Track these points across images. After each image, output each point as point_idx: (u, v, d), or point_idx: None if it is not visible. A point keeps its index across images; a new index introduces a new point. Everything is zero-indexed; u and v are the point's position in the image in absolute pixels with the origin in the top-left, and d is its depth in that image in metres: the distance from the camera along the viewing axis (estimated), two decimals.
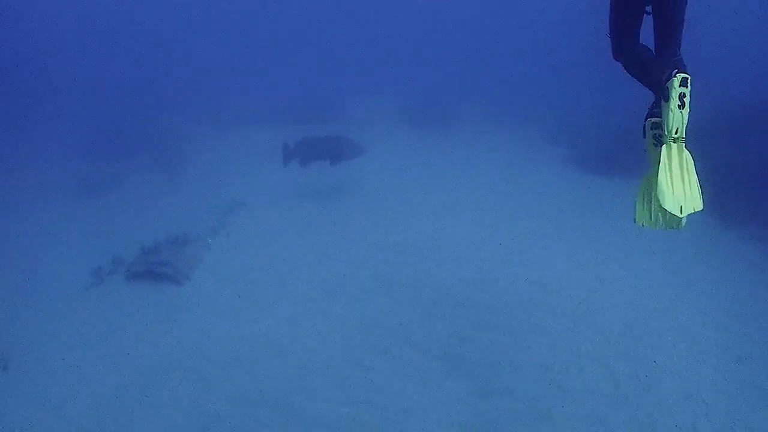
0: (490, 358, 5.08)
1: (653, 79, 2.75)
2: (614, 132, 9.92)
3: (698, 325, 5.49)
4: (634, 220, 2.72)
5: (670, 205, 2.53)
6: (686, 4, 2.74)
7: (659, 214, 2.61)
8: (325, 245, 7.59)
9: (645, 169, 2.74)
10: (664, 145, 2.61)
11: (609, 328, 5.47)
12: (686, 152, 2.63)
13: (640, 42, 3.01)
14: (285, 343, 5.46)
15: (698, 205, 2.60)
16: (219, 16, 28.69)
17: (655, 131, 2.74)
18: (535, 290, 6.19)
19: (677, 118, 2.57)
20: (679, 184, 2.56)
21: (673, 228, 2.66)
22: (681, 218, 2.61)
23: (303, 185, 10.05)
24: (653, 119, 2.76)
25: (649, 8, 2.85)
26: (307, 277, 6.75)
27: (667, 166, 2.58)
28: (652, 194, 2.61)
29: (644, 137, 2.84)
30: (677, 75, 2.56)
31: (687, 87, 2.57)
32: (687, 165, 2.60)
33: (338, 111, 15.88)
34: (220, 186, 10.62)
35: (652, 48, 2.89)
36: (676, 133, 2.59)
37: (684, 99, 2.55)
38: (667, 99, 2.58)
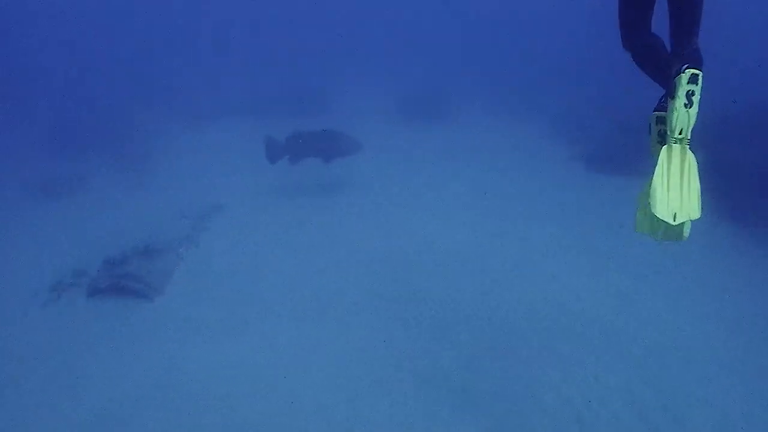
0: (502, 389, 4.86)
1: (662, 73, 2.66)
2: (627, 127, 9.76)
3: (725, 345, 5.35)
4: (634, 228, 2.66)
5: (662, 211, 2.45)
6: None
7: (659, 223, 2.53)
8: (315, 256, 7.38)
9: (650, 171, 2.63)
10: (665, 146, 2.54)
11: (631, 351, 5.31)
12: (690, 155, 2.54)
13: (652, 31, 2.91)
14: (267, 372, 5.19)
15: (695, 214, 2.50)
16: None
17: (660, 127, 2.68)
18: (548, 308, 6.01)
19: (683, 117, 2.49)
20: (676, 190, 2.49)
21: (673, 240, 2.57)
22: (682, 230, 2.54)
23: (290, 186, 9.83)
24: (658, 113, 2.69)
25: None
26: (294, 292, 6.52)
27: (665, 168, 2.50)
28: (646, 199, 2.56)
29: (649, 133, 2.78)
30: (686, 70, 2.46)
31: (696, 84, 2.47)
32: (689, 169, 2.52)
33: (328, 102, 15.86)
34: (196, 187, 10.38)
35: (666, 39, 2.79)
36: (680, 133, 2.51)
37: (692, 97, 2.47)
38: (673, 96, 2.50)
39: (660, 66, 2.71)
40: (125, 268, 6.79)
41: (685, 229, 2.55)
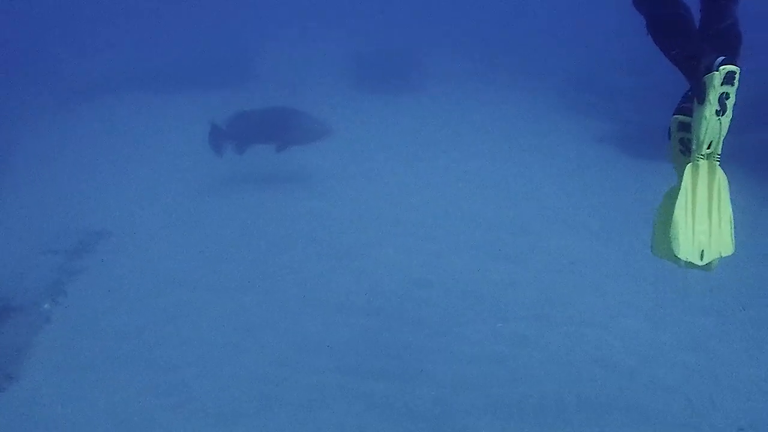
0: None
1: (686, 60, 2.66)
2: (671, 92, 9.67)
3: None
4: (651, 249, 2.83)
5: (686, 249, 2.59)
6: None
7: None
8: (254, 306, 6.91)
9: (672, 179, 2.77)
10: (690, 164, 2.64)
11: None
12: (720, 175, 2.67)
13: None
14: None
15: (727, 249, 2.70)
16: None
17: (682, 134, 2.79)
18: (605, 374, 5.60)
19: (713, 127, 2.58)
20: (703, 220, 2.63)
21: (699, 268, 2.71)
22: (710, 264, 2.70)
23: (217, 192, 9.66)
24: (681, 117, 2.78)
25: None
26: (225, 369, 5.97)
27: (689, 192, 2.62)
28: (667, 227, 2.71)
29: (668, 138, 2.89)
30: (721, 68, 2.50)
31: (733, 85, 2.55)
32: (719, 193, 2.66)
33: (254, 66, 16.08)
34: (70, 202, 9.81)
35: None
36: (709, 147, 2.62)
37: (726, 102, 2.55)
38: (701, 100, 2.57)
39: (683, 47, 2.70)
40: None
41: (714, 263, 2.71)
